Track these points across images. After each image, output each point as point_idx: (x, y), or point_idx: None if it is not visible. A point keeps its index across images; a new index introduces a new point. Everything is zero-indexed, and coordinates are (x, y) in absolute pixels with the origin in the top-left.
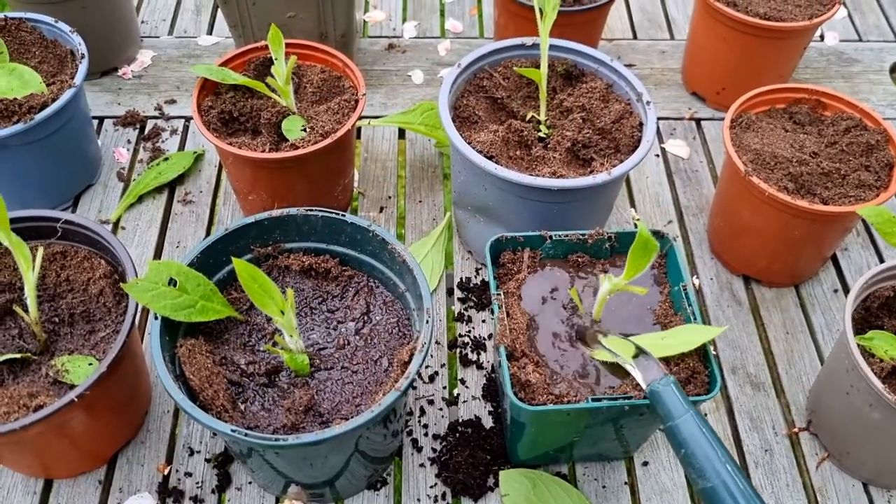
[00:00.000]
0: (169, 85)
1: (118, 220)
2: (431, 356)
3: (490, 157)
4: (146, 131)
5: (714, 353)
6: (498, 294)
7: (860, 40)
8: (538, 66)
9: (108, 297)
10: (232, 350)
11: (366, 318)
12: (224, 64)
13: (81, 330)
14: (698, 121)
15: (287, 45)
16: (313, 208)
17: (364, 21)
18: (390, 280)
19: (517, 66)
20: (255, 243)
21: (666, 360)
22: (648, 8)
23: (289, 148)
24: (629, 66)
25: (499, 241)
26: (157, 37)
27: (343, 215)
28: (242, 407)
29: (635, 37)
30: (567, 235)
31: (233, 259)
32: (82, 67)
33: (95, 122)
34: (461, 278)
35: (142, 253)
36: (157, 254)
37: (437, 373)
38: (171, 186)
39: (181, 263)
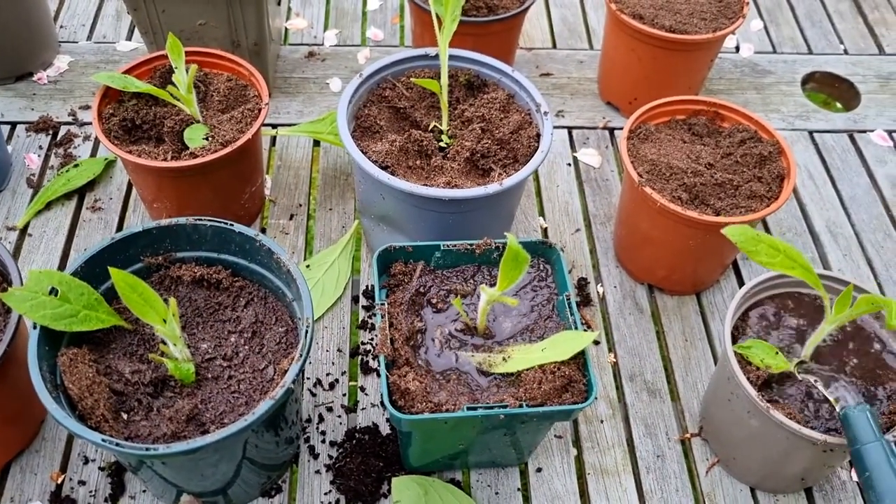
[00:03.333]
0: (84, 91)
1: (26, 227)
2: (333, 363)
3: (386, 168)
4: (59, 137)
5: (613, 360)
6: (381, 304)
7: (774, 52)
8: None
9: None
10: (117, 359)
11: (255, 327)
12: (129, 71)
13: None
14: (611, 130)
15: (195, 52)
16: (202, 218)
17: (285, 28)
18: (279, 289)
19: (419, 77)
20: (144, 252)
21: (543, 369)
22: (569, 17)
23: (188, 157)
24: (547, 74)
25: (387, 252)
26: (76, 42)
27: (231, 225)
28: (125, 416)
29: (555, 46)
30: (455, 246)
31: (110, 270)
32: None
33: (7, 127)
34: (367, 286)
35: (48, 260)
36: (63, 261)
37: (337, 380)
38: (81, 193)
39: (63, 273)
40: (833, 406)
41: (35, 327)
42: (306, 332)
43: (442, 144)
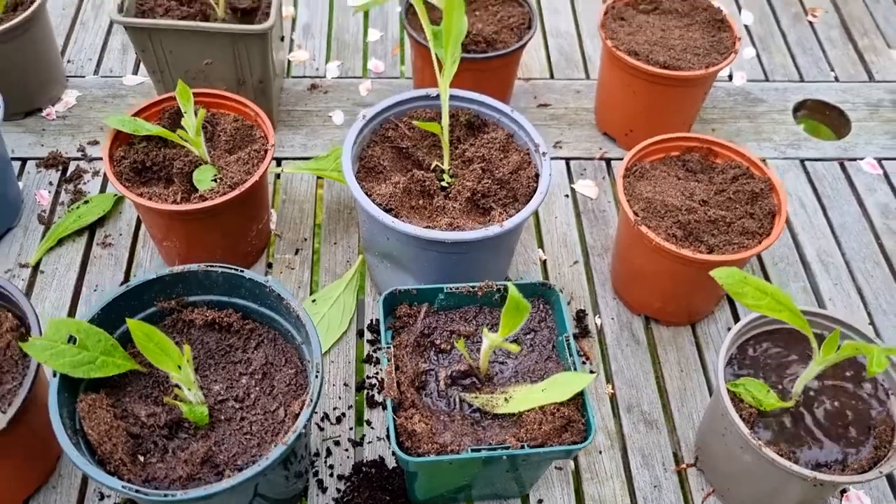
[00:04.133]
0: (93, 126)
1: (38, 264)
2: (339, 398)
3: (390, 210)
4: (68, 173)
5: (611, 391)
6: (388, 346)
7: (767, 80)
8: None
9: (15, 350)
10: (133, 402)
11: (265, 369)
12: (139, 113)
13: None
14: (608, 160)
15: (202, 93)
16: (213, 264)
17: (288, 60)
18: (289, 332)
19: (421, 117)
20: (158, 298)
21: (543, 410)
22: (565, 47)
23: (198, 199)
24: (544, 105)
25: (393, 295)
26: (83, 76)
27: (241, 271)
28: (142, 459)
29: (552, 76)
30: (458, 288)
31: (127, 321)
32: None
33: (18, 163)
34: (371, 320)
35: (59, 297)
36: (75, 298)
37: (344, 414)
38: (91, 229)
39: (81, 320)
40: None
41: (55, 375)
42: (316, 376)
43: (443, 184)
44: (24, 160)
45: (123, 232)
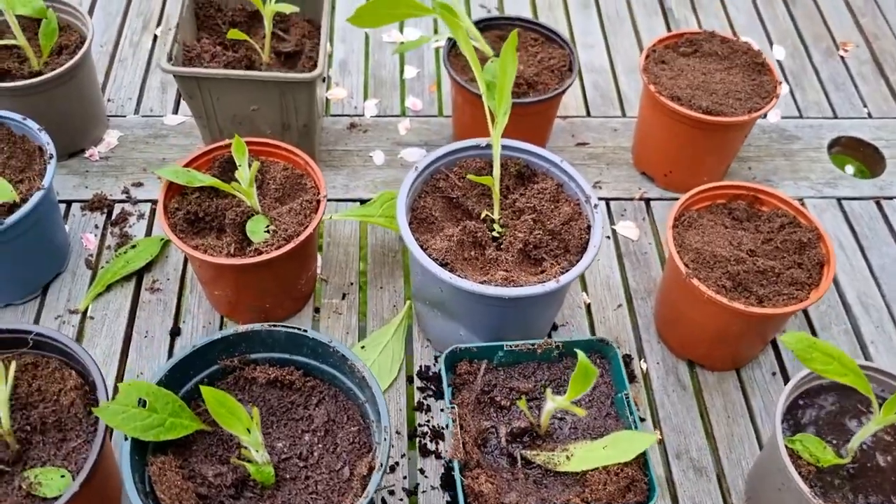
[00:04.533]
0: (135, 167)
1: (86, 310)
2: (392, 446)
3: (445, 264)
4: (113, 216)
5: (659, 437)
6: (452, 408)
7: (801, 117)
8: (491, 165)
9: (79, 407)
10: (200, 462)
11: (328, 426)
12: (191, 163)
13: (53, 439)
14: (647, 201)
15: (250, 142)
16: (276, 324)
17: (326, 98)
18: (351, 390)
19: (471, 167)
20: (221, 356)
21: (606, 470)
22: (601, 83)
23: (253, 253)
24: (583, 144)
25: (454, 353)
26: (124, 116)
27: (305, 331)
28: None
29: (589, 114)
30: (517, 346)
31: (201, 388)
32: (51, 168)
33: (63, 205)
34: (420, 366)
35: (110, 344)
36: (126, 344)
37: (397, 463)
38: (139, 274)
39: (150, 383)
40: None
41: (126, 439)
42: (385, 439)
43: (495, 234)
44: (69, 202)
45: (171, 277)
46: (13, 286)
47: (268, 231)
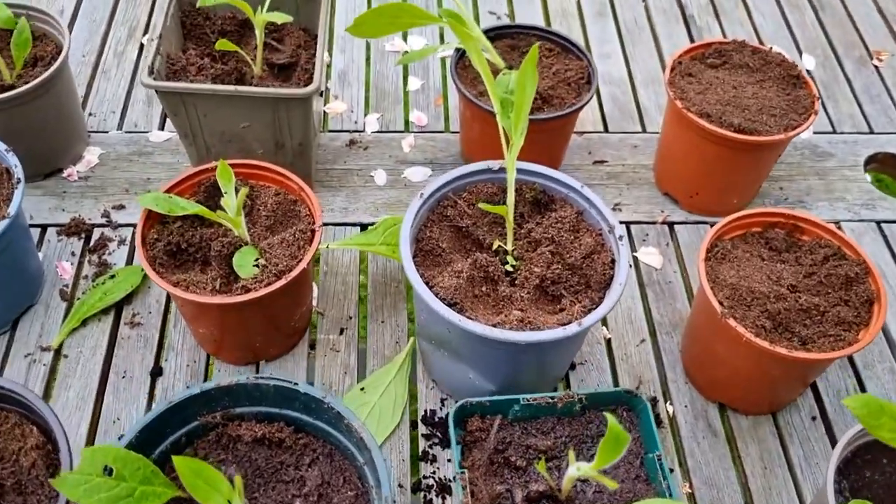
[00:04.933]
0: (117, 188)
1: (60, 347)
2: (394, 501)
3: (454, 304)
4: (92, 242)
5: (689, 490)
6: (462, 473)
7: (834, 132)
8: (505, 191)
9: (41, 469)
10: None
11: (321, 490)
12: (173, 188)
13: (14, 503)
14: (671, 224)
15: (239, 164)
16: (264, 377)
17: (324, 112)
18: (348, 450)
19: (482, 192)
20: (201, 412)
21: None
22: (619, 96)
23: (240, 290)
24: (601, 162)
25: (464, 407)
26: (106, 132)
27: (296, 384)
28: None
29: (606, 129)
30: (535, 399)
31: (174, 459)
32: (18, 193)
33: (37, 230)
34: (426, 410)
35: (85, 385)
36: (102, 385)
37: None
38: (118, 306)
39: (118, 447)
40: None
41: None
42: None
43: (508, 268)
44: (44, 227)
45: (153, 310)
46: None
47: (257, 265)
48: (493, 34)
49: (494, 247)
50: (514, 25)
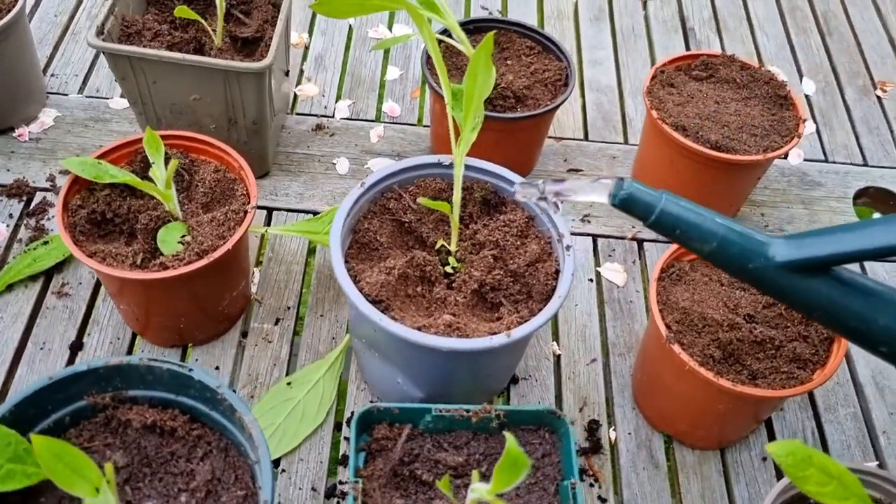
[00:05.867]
0: (68, 152)
1: None
2: None
3: (379, 301)
4: (32, 205)
5: None
6: (356, 482)
7: (826, 160)
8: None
9: None
10: None
11: (210, 486)
12: (106, 154)
13: None
14: (641, 242)
15: (180, 136)
16: (157, 359)
17: (294, 94)
18: (242, 446)
19: (430, 188)
20: (90, 390)
21: None
22: (605, 104)
23: (158, 267)
24: (575, 170)
25: (370, 413)
26: (66, 94)
27: (190, 370)
28: None
29: (587, 137)
30: (448, 411)
31: (31, 437)
32: None
33: None
34: (352, 413)
35: (0, 352)
36: (18, 356)
37: None
38: (49, 274)
39: None
40: None
41: None
42: None
43: (448, 269)
44: None
45: (84, 281)
46: None
47: (182, 242)
48: (473, 26)
49: (437, 246)
50: (497, 20)
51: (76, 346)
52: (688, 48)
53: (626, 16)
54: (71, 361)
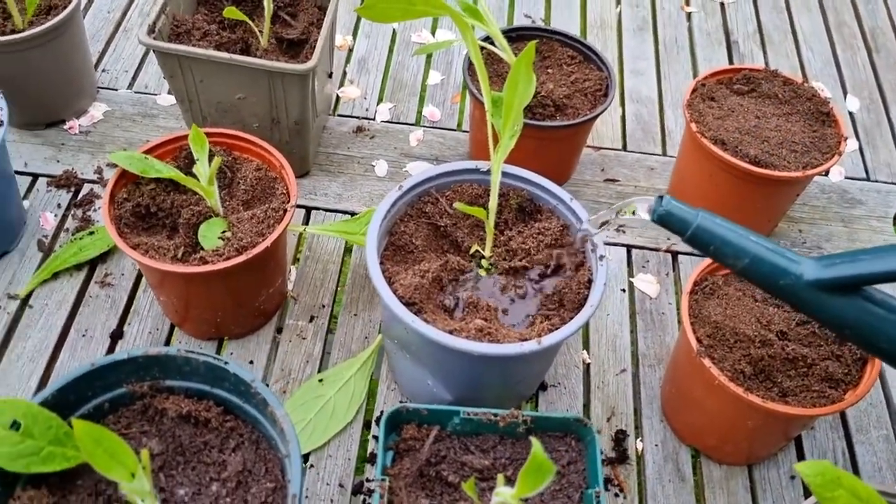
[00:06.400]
0: (116, 146)
1: (28, 297)
2: (331, 500)
3: (413, 303)
4: (80, 196)
5: None
6: (382, 480)
7: (868, 179)
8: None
9: None
10: (79, 502)
11: (241, 477)
12: (153, 150)
13: None
14: (675, 254)
15: (225, 134)
16: (194, 352)
17: (337, 96)
18: (273, 439)
19: (467, 193)
20: (129, 379)
21: None
22: (644, 115)
23: (197, 261)
24: (612, 181)
25: (399, 413)
26: (116, 90)
27: (226, 363)
28: None
29: (625, 147)
30: (476, 414)
31: (73, 422)
32: None
33: (29, 179)
34: (381, 412)
35: (44, 337)
36: (61, 341)
37: None
38: (92, 264)
39: (30, 402)
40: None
41: None
42: None
43: (482, 273)
44: (35, 176)
45: (126, 272)
46: None
47: (222, 238)
48: (515, 34)
49: (472, 251)
50: (538, 28)
51: (116, 335)
52: (731, 61)
53: (669, 27)
54: (111, 350)
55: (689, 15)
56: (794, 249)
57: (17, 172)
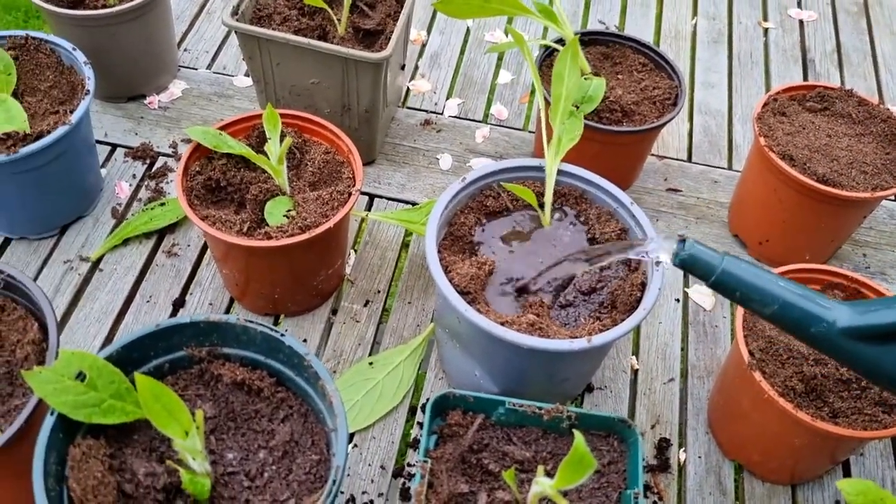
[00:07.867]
0: (192, 122)
1: (99, 260)
2: (372, 481)
3: (467, 293)
4: (154, 168)
5: None
6: (425, 461)
7: None
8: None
9: (32, 363)
10: (135, 455)
11: (288, 447)
12: (227, 126)
13: (1, 392)
14: None
15: (297, 116)
16: (253, 322)
17: (407, 88)
18: (321, 413)
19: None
20: (189, 343)
21: None
22: (712, 128)
23: (262, 236)
24: (674, 190)
25: (445, 398)
26: (195, 69)
27: (282, 334)
28: None
29: (690, 158)
30: (521, 406)
31: (136, 376)
32: (83, 105)
33: (108, 149)
34: (428, 399)
35: (111, 300)
36: (127, 304)
37: (372, 501)
38: (161, 234)
39: (96, 356)
40: None
41: (52, 413)
42: (335, 481)
43: None
44: (114, 146)
45: (192, 243)
46: (29, 220)
47: (287, 216)
48: (588, 39)
49: None
50: (611, 34)
51: (178, 303)
52: (806, 79)
53: (745, 41)
54: (172, 316)
55: (766, 31)
56: (856, 273)
57: (98, 142)
